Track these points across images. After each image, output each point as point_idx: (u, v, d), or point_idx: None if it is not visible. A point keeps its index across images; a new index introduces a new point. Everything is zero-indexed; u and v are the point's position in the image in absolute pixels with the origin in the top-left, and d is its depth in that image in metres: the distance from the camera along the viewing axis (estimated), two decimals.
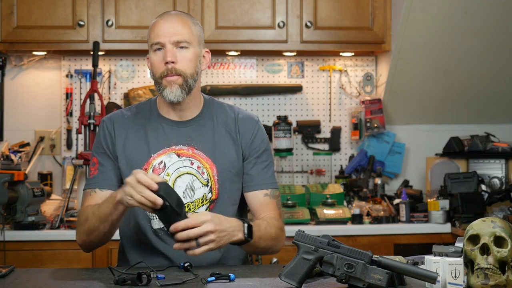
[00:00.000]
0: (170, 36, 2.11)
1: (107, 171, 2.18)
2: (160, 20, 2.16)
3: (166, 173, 2.16)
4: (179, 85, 2.12)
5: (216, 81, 4.03)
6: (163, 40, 2.11)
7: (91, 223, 2.06)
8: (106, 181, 2.17)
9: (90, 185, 2.18)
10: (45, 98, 3.97)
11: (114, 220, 2.02)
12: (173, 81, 2.11)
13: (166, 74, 2.11)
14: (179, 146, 2.18)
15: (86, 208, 2.13)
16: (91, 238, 2.11)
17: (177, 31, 2.12)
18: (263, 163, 2.22)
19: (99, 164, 2.19)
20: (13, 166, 3.43)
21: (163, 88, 2.13)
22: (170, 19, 2.15)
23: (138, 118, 2.23)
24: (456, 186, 3.60)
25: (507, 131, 4.12)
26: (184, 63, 2.12)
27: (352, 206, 3.63)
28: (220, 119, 2.23)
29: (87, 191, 2.19)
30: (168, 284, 1.78)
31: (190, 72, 2.14)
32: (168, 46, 2.11)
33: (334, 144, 4.08)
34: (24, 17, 3.63)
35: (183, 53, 2.13)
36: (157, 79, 2.14)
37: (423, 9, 3.60)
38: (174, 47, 2.12)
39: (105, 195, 2.13)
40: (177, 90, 2.12)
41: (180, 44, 2.12)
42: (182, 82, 2.12)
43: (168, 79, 2.12)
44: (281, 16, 3.73)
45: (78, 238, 2.15)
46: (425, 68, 3.84)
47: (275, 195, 2.22)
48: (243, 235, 1.98)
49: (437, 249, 1.97)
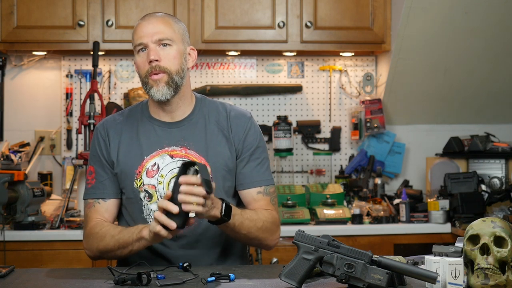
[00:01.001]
0: (152, 35, 2.12)
1: (105, 180, 2.20)
2: (142, 21, 2.17)
3: (160, 175, 2.16)
4: (165, 82, 2.12)
5: (216, 81, 4.03)
6: (145, 41, 2.12)
7: (108, 245, 2.09)
8: (106, 191, 2.20)
9: (91, 195, 2.21)
10: (45, 98, 3.97)
11: (134, 251, 2.06)
12: (159, 80, 2.12)
13: (150, 72, 2.12)
14: (172, 147, 2.18)
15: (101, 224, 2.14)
16: (105, 256, 2.17)
17: (158, 30, 2.13)
18: (256, 160, 2.22)
19: (96, 173, 2.21)
20: (13, 166, 3.43)
21: (150, 87, 2.13)
22: (152, 20, 2.16)
23: (130, 121, 2.23)
24: (456, 186, 3.60)
25: (507, 131, 4.12)
26: (168, 60, 2.13)
27: (352, 206, 3.63)
28: (212, 117, 2.23)
29: (89, 201, 2.21)
30: (168, 284, 1.78)
31: (175, 69, 2.14)
32: (151, 45, 2.12)
33: (334, 144, 4.08)
34: (24, 17, 3.63)
35: (167, 51, 2.13)
36: (143, 79, 2.15)
37: (423, 9, 3.60)
38: (157, 46, 2.12)
39: (109, 205, 2.19)
40: (164, 88, 2.12)
41: (163, 42, 2.13)
42: (168, 79, 2.13)
43: (153, 77, 2.12)
44: (281, 16, 3.73)
45: (89, 250, 2.17)
46: (425, 68, 3.84)
47: (269, 191, 2.22)
48: (220, 213, 1.97)
49: (437, 249, 1.97)
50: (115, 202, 2.21)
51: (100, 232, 2.12)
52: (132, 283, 1.78)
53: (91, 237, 2.15)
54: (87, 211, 2.21)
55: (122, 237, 2.05)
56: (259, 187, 2.21)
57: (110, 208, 2.20)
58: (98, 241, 2.12)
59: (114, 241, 2.07)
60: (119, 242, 2.06)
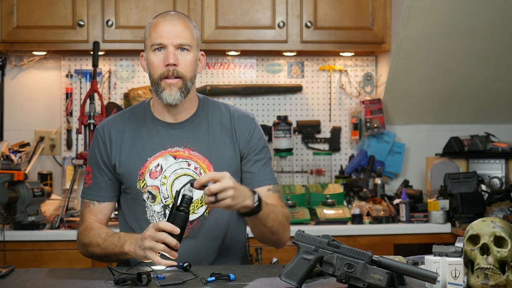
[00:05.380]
0: (173, 38, 2.11)
1: (101, 183, 2.21)
2: (163, 20, 2.14)
3: (163, 176, 2.16)
4: (178, 88, 2.12)
5: (216, 81, 4.03)
6: (165, 42, 2.11)
7: (95, 252, 2.13)
8: (102, 193, 2.22)
9: (87, 195, 2.24)
10: (45, 98, 3.97)
11: (120, 259, 2.12)
12: (173, 84, 2.11)
13: (166, 75, 2.11)
14: (175, 148, 2.18)
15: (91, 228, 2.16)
16: (96, 259, 2.22)
17: (179, 33, 2.12)
18: (263, 160, 2.24)
19: (93, 175, 2.23)
20: (13, 166, 3.43)
21: (162, 89, 2.13)
22: (173, 21, 2.14)
23: (133, 122, 2.23)
24: (456, 186, 3.60)
25: (507, 131, 4.12)
26: (185, 66, 2.12)
27: (352, 206, 3.63)
28: (215, 118, 2.23)
29: (85, 201, 2.24)
30: (168, 284, 1.78)
31: (190, 75, 2.14)
32: (170, 48, 2.11)
33: (334, 144, 4.08)
34: (24, 17, 3.63)
35: (184, 56, 2.13)
36: (156, 80, 2.13)
37: (423, 9, 3.59)
38: (175, 49, 2.12)
39: (103, 208, 2.22)
40: (177, 93, 2.12)
41: (182, 47, 2.12)
42: (182, 85, 2.12)
43: (167, 81, 2.11)
44: (281, 16, 3.73)
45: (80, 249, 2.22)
46: (425, 68, 3.84)
47: (277, 189, 2.25)
48: (253, 202, 1.97)
49: (437, 249, 1.97)
50: (109, 205, 2.23)
51: (88, 236, 2.14)
52: (132, 283, 1.78)
53: (81, 240, 2.18)
54: (82, 210, 2.25)
55: (107, 247, 2.08)
56: (268, 185, 2.22)
57: (104, 211, 2.23)
58: (86, 246, 2.15)
59: (100, 250, 2.10)
60: (105, 251, 2.09)
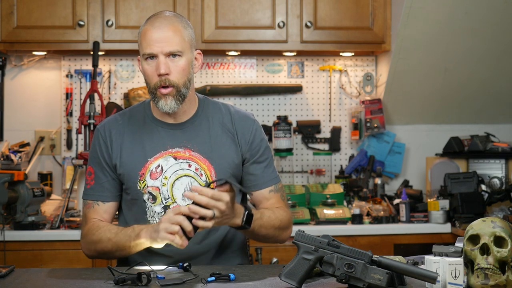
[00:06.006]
0: (163, 46, 2.09)
1: (104, 183, 2.20)
2: (151, 27, 2.11)
3: (164, 177, 2.16)
4: (173, 96, 2.12)
5: (216, 81, 4.03)
6: (155, 51, 2.09)
7: (106, 248, 2.10)
8: (106, 193, 2.21)
9: (90, 196, 2.22)
10: (45, 98, 3.97)
11: (133, 252, 2.06)
12: (167, 93, 2.11)
13: (159, 85, 2.11)
14: (176, 149, 2.18)
15: (98, 226, 2.15)
16: (104, 257, 2.20)
17: (169, 40, 2.10)
18: (265, 161, 2.25)
19: (95, 175, 2.21)
20: (13, 166, 3.43)
21: (158, 99, 2.13)
22: (161, 27, 2.11)
23: (133, 122, 2.23)
24: (456, 186, 3.60)
25: (507, 131, 4.12)
26: (177, 73, 2.11)
27: (352, 206, 3.63)
28: (216, 119, 2.23)
29: (88, 202, 2.22)
30: (168, 284, 1.78)
31: (183, 82, 2.13)
32: (160, 57, 2.10)
33: (334, 144, 4.08)
34: (24, 17, 3.63)
35: (176, 62, 2.11)
36: (151, 90, 2.14)
37: (423, 9, 3.59)
38: (166, 57, 2.10)
39: (108, 207, 2.20)
40: (172, 102, 2.13)
41: (173, 53, 2.11)
42: (176, 93, 2.12)
43: (162, 91, 2.12)
44: (281, 16, 3.73)
45: (86, 250, 2.19)
46: (425, 68, 3.84)
47: (279, 188, 2.26)
48: (241, 222, 2.00)
49: (437, 249, 1.97)
50: (114, 204, 2.22)
51: (97, 233, 2.12)
52: (132, 283, 1.78)
53: (88, 238, 2.15)
54: (85, 211, 2.22)
55: (119, 240, 2.06)
56: (270, 187, 2.24)
57: (109, 210, 2.21)
58: (95, 244, 2.12)
59: (112, 244, 2.08)
60: (117, 245, 2.07)
